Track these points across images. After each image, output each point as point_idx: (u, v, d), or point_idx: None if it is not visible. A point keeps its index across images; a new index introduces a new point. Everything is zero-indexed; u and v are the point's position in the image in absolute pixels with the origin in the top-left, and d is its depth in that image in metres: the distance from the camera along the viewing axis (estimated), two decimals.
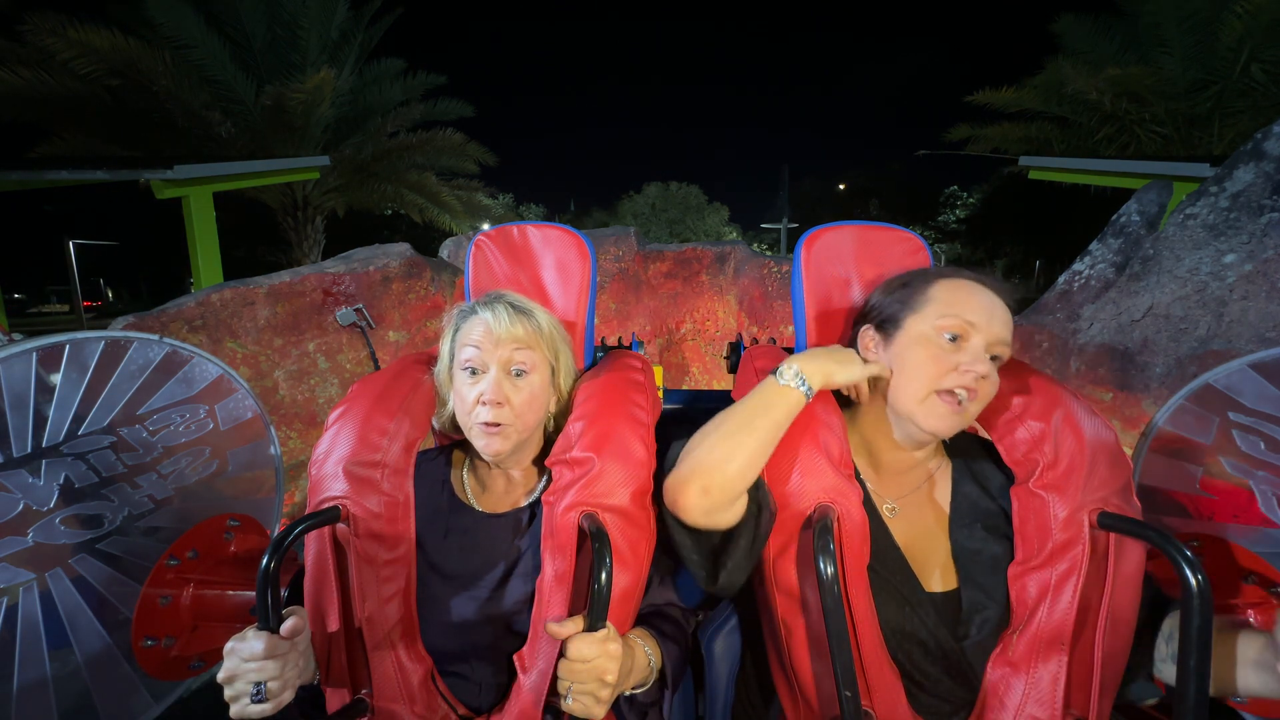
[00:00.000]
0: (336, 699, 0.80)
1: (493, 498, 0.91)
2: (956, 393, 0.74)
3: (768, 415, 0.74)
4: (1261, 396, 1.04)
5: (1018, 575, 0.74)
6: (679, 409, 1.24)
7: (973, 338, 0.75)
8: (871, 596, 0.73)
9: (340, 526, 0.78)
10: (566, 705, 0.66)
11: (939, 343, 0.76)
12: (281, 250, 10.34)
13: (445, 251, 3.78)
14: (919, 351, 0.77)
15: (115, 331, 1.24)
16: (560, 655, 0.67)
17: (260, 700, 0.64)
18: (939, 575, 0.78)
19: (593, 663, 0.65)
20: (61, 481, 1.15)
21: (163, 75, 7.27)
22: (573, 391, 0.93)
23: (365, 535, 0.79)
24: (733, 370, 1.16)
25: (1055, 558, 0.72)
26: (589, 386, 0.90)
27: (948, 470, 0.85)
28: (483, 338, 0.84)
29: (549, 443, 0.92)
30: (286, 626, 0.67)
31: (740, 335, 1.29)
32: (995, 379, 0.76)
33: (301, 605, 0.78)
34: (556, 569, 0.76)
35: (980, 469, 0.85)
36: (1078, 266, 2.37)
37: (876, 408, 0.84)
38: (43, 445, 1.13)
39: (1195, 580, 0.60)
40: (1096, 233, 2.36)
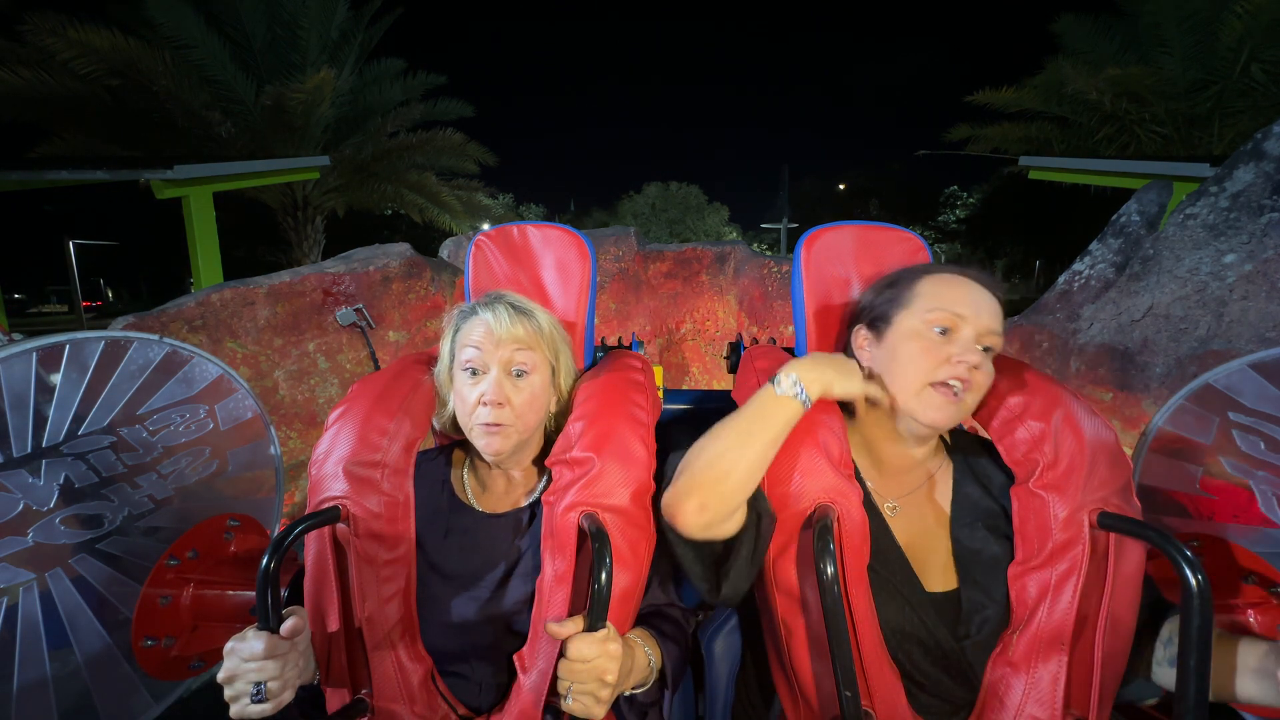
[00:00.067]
0: (336, 699, 0.80)
1: (493, 498, 0.91)
2: (951, 384, 0.75)
3: (765, 428, 0.73)
4: (1261, 396, 1.04)
5: (1018, 575, 0.74)
6: (679, 409, 1.24)
7: (962, 329, 0.76)
8: (871, 596, 0.73)
9: (340, 526, 0.78)
10: (566, 705, 0.66)
11: (929, 336, 0.77)
12: (281, 250, 10.34)
13: (445, 251, 3.78)
14: (910, 346, 0.78)
15: (115, 331, 1.24)
16: (560, 655, 0.67)
17: (260, 700, 0.64)
18: (940, 575, 0.78)
19: (593, 663, 0.65)
20: (61, 481, 1.15)
21: (163, 75, 7.27)
22: (573, 391, 0.93)
23: (365, 535, 0.79)
24: (733, 370, 1.16)
25: (1055, 558, 0.72)
26: (589, 386, 0.90)
27: (949, 470, 0.85)
28: (483, 338, 0.84)
29: (549, 443, 0.92)
30: (286, 626, 0.67)
31: (740, 335, 1.29)
32: (989, 369, 0.77)
33: (301, 605, 0.78)
34: (556, 569, 0.76)
35: (981, 469, 0.85)
36: (1078, 266, 2.37)
37: (876, 406, 0.84)
38: (43, 445, 1.13)
39: (1195, 580, 0.60)
40: (1096, 233, 2.36)
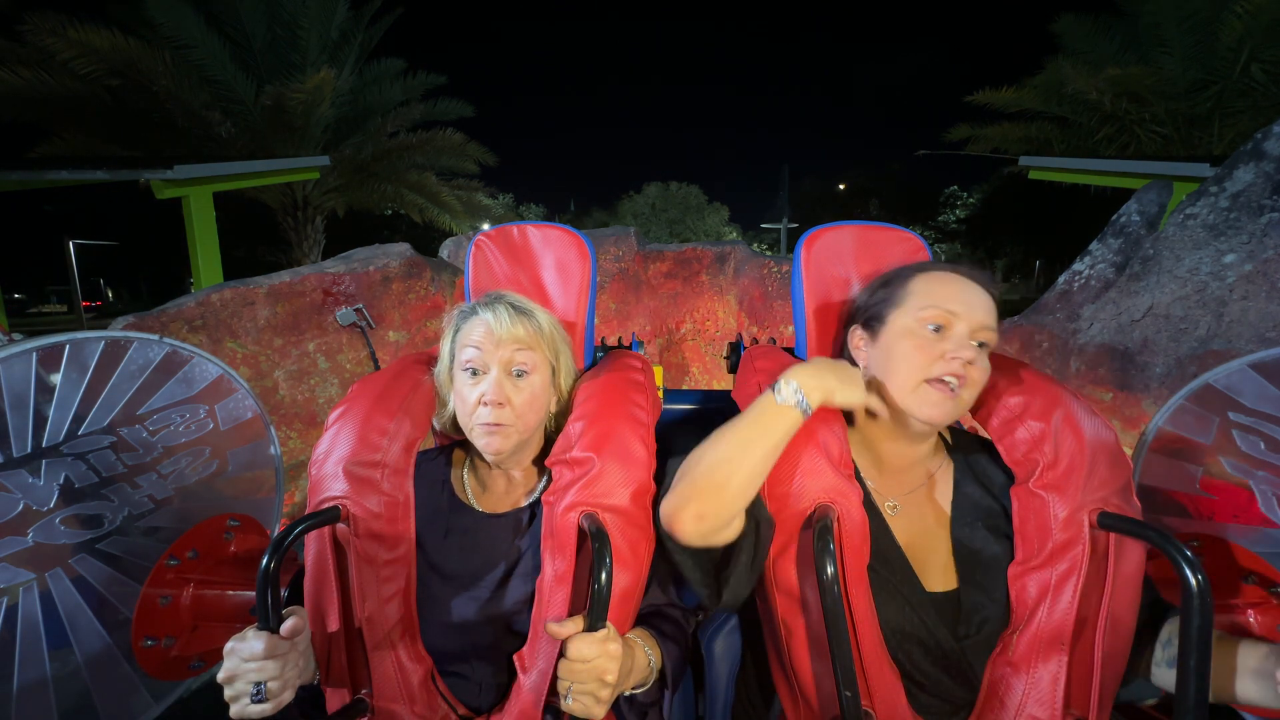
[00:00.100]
0: (336, 699, 0.80)
1: (493, 498, 0.91)
2: (947, 380, 0.75)
3: (764, 437, 0.72)
4: (1261, 396, 1.04)
5: (1018, 575, 0.74)
6: (679, 409, 1.24)
7: (955, 326, 0.76)
8: (871, 596, 0.73)
9: (340, 526, 0.78)
10: (566, 705, 0.66)
11: (923, 334, 0.77)
12: (281, 250, 10.34)
13: (445, 251, 3.78)
14: (905, 344, 0.78)
15: (115, 331, 1.24)
16: (560, 655, 0.67)
17: (260, 700, 0.64)
18: (940, 574, 0.78)
19: (593, 663, 0.65)
20: (61, 481, 1.15)
21: (163, 75, 7.27)
22: (573, 391, 0.93)
23: (365, 535, 0.79)
24: (733, 370, 1.16)
25: (1055, 558, 0.72)
26: (589, 386, 0.90)
27: (949, 469, 0.85)
28: (483, 338, 0.84)
29: (549, 443, 0.92)
30: (286, 626, 0.67)
31: (740, 335, 1.29)
32: (984, 365, 0.77)
33: (301, 605, 0.78)
34: (556, 569, 0.76)
35: (981, 468, 0.85)
36: (1078, 266, 2.37)
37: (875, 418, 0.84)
38: (43, 445, 1.13)
39: (1195, 580, 0.60)
40: (1096, 233, 2.37)
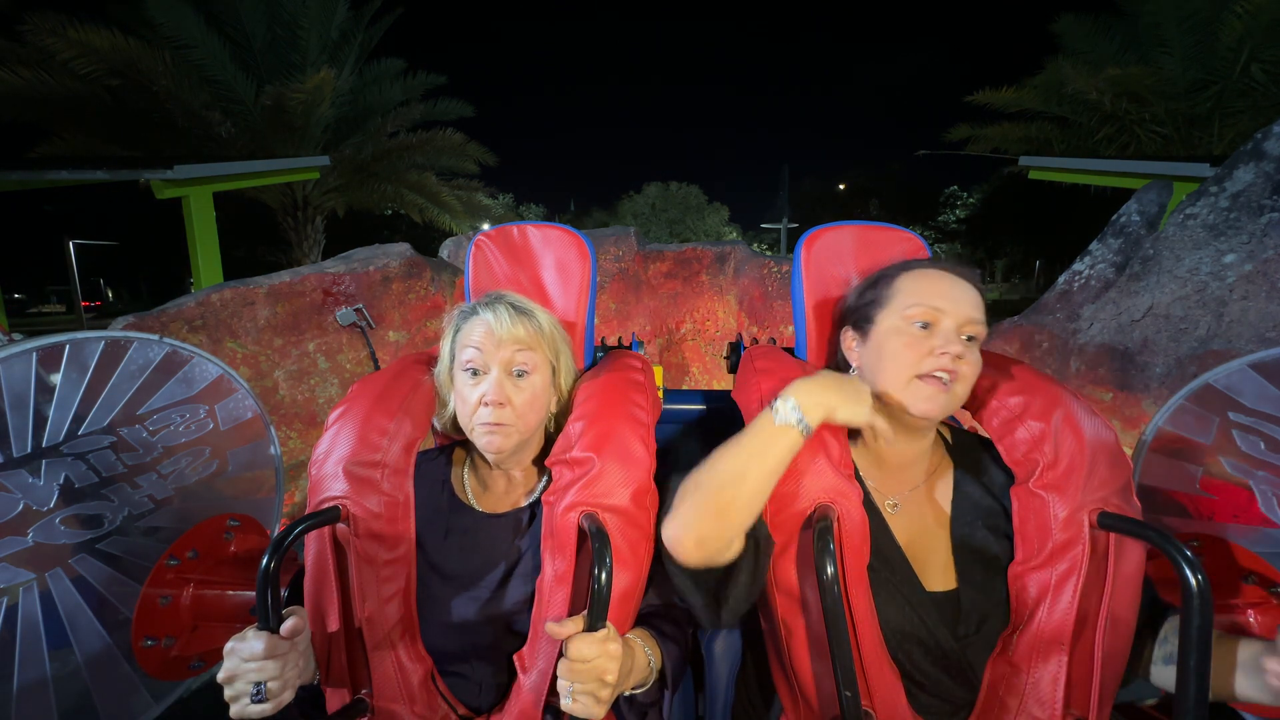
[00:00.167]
0: (336, 699, 0.80)
1: (493, 498, 0.91)
2: (937, 375, 0.75)
3: (763, 460, 0.71)
4: (1261, 396, 1.04)
5: (1018, 575, 0.75)
6: (679, 409, 1.24)
7: (943, 322, 0.77)
8: (871, 596, 0.73)
9: (340, 526, 0.78)
10: (566, 705, 0.66)
11: (911, 331, 0.78)
12: (281, 250, 10.34)
13: (445, 251, 3.79)
14: (894, 342, 0.79)
15: (115, 331, 1.24)
16: (560, 655, 0.67)
17: (260, 700, 0.64)
18: (940, 574, 0.78)
19: (593, 663, 0.65)
20: (61, 481, 1.15)
21: (163, 75, 7.27)
22: (573, 391, 0.93)
23: (365, 535, 0.79)
24: (733, 370, 1.16)
25: (1055, 558, 0.72)
26: (589, 386, 0.91)
27: (949, 469, 0.85)
28: (484, 339, 0.84)
29: (549, 443, 0.92)
30: (286, 626, 0.67)
31: (740, 335, 1.29)
32: (975, 358, 0.77)
33: (301, 605, 0.78)
34: (556, 569, 0.76)
35: (982, 468, 0.85)
36: (1078, 266, 2.37)
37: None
38: (43, 445, 1.13)
39: (1195, 580, 0.60)
40: (1096, 233, 2.37)
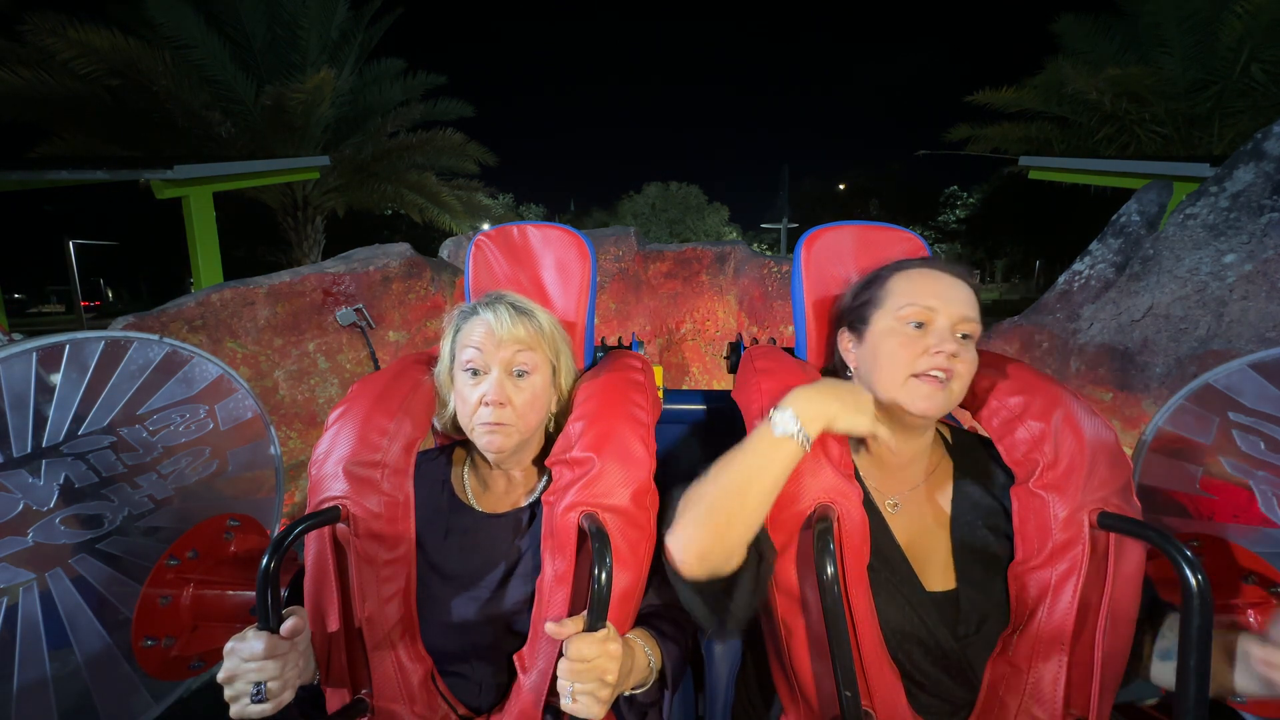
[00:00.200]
0: (336, 699, 0.80)
1: (493, 498, 0.91)
2: (933, 374, 0.75)
3: (763, 473, 0.71)
4: (1261, 396, 1.04)
5: (1018, 575, 0.75)
6: (679, 409, 1.24)
7: (936, 321, 0.77)
8: (871, 596, 0.73)
9: (340, 526, 0.78)
10: (566, 705, 0.66)
11: (905, 331, 0.78)
12: (281, 250, 10.34)
13: (445, 251, 3.79)
14: (889, 342, 0.79)
15: (115, 331, 1.24)
16: (560, 655, 0.67)
17: (260, 700, 0.64)
18: (940, 574, 0.78)
19: (593, 663, 0.65)
20: (61, 481, 1.15)
21: (163, 75, 7.27)
22: (573, 391, 0.93)
23: (365, 535, 0.79)
24: (733, 370, 1.16)
25: (1055, 557, 0.72)
26: (589, 386, 0.90)
27: (949, 469, 0.85)
28: (484, 339, 0.84)
29: (549, 442, 0.92)
30: (286, 626, 0.67)
31: (740, 335, 1.29)
32: (970, 356, 0.78)
33: (301, 605, 0.78)
34: (556, 569, 0.76)
35: (982, 468, 0.85)
36: (1078, 266, 2.37)
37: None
38: (43, 445, 1.13)
39: (1195, 580, 0.60)
40: (1096, 233, 2.37)
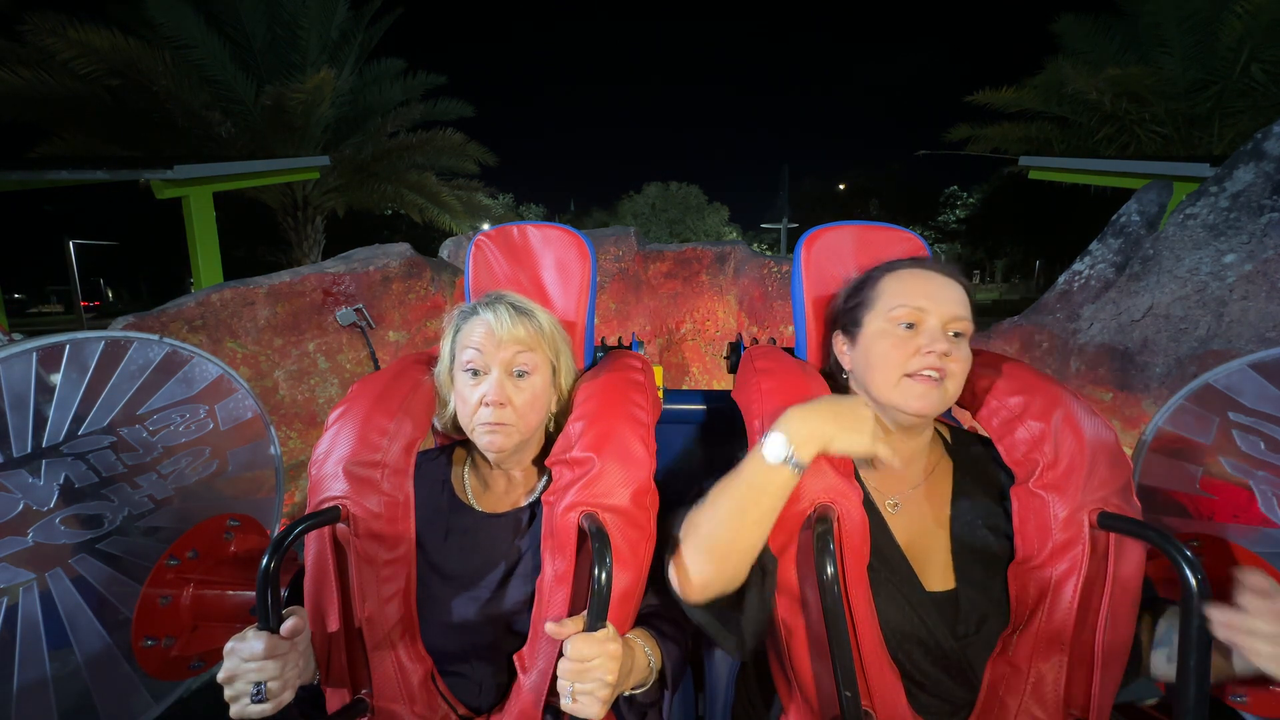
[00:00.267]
0: (336, 699, 0.80)
1: (493, 498, 0.91)
2: (926, 373, 0.76)
3: (758, 500, 0.70)
4: (1261, 396, 1.04)
5: (1018, 575, 0.75)
6: (679, 409, 1.24)
7: (927, 321, 0.77)
8: (871, 596, 0.73)
9: (340, 526, 0.78)
10: (566, 705, 0.66)
11: (897, 333, 0.79)
12: (281, 250, 10.34)
13: (445, 251, 3.78)
14: (881, 344, 0.80)
15: (115, 331, 1.24)
16: (560, 655, 0.67)
17: (260, 700, 0.64)
18: (939, 574, 0.78)
19: (592, 663, 0.65)
20: (61, 481, 1.15)
21: (163, 75, 7.28)
22: (573, 391, 0.93)
23: (365, 535, 0.79)
24: (733, 370, 1.16)
25: (1055, 557, 0.72)
26: (589, 386, 0.90)
27: (949, 469, 0.85)
28: (484, 339, 0.84)
29: (549, 442, 0.92)
30: (286, 626, 0.67)
31: (740, 335, 1.29)
32: (964, 354, 0.78)
33: (301, 605, 0.78)
34: (556, 569, 0.76)
35: (981, 468, 0.85)
36: (1078, 266, 2.37)
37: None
38: (43, 445, 1.13)
39: (1195, 580, 0.60)
40: (1096, 233, 2.37)
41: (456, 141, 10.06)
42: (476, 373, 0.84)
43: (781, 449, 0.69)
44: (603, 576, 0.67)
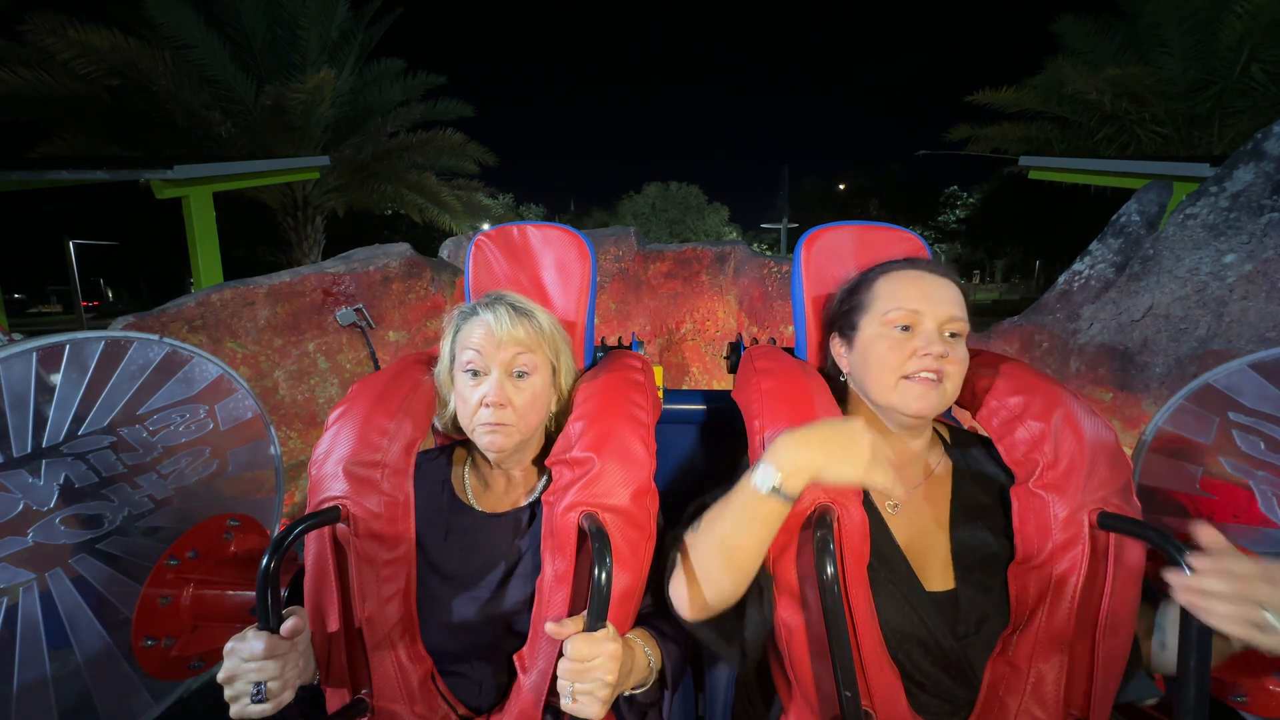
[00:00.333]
0: (336, 699, 0.80)
1: (493, 498, 0.91)
2: (924, 375, 0.76)
3: (750, 530, 0.70)
4: (1261, 396, 1.04)
5: (1018, 575, 0.75)
6: (679, 409, 1.24)
7: (923, 323, 0.78)
8: (871, 596, 0.73)
9: (340, 526, 0.78)
10: (566, 705, 0.66)
11: (893, 335, 0.79)
12: (281, 250, 10.34)
13: (445, 251, 3.78)
14: (877, 347, 0.80)
15: (115, 331, 1.24)
16: (560, 655, 0.67)
17: (260, 700, 0.64)
18: (939, 574, 0.78)
19: (592, 663, 0.65)
20: (61, 481, 1.15)
21: (163, 75, 7.28)
22: (573, 391, 0.93)
23: (365, 535, 0.79)
24: (733, 370, 1.16)
25: (1055, 557, 0.72)
26: (589, 386, 0.90)
27: (948, 469, 0.85)
28: (484, 340, 0.84)
29: (549, 442, 0.92)
30: (286, 626, 0.67)
31: (740, 335, 1.29)
32: (960, 355, 0.78)
33: (301, 605, 0.78)
34: (556, 569, 0.76)
35: (981, 468, 0.85)
36: (1078, 266, 2.37)
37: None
38: (43, 445, 1.13)
39: None
40: (1096, 233, 2.37)
41: (456, 141, 10.07)
42: (476, 373, 0.84)
43: (770, 479, 0.66)
44: (603, 576, 0.67)
